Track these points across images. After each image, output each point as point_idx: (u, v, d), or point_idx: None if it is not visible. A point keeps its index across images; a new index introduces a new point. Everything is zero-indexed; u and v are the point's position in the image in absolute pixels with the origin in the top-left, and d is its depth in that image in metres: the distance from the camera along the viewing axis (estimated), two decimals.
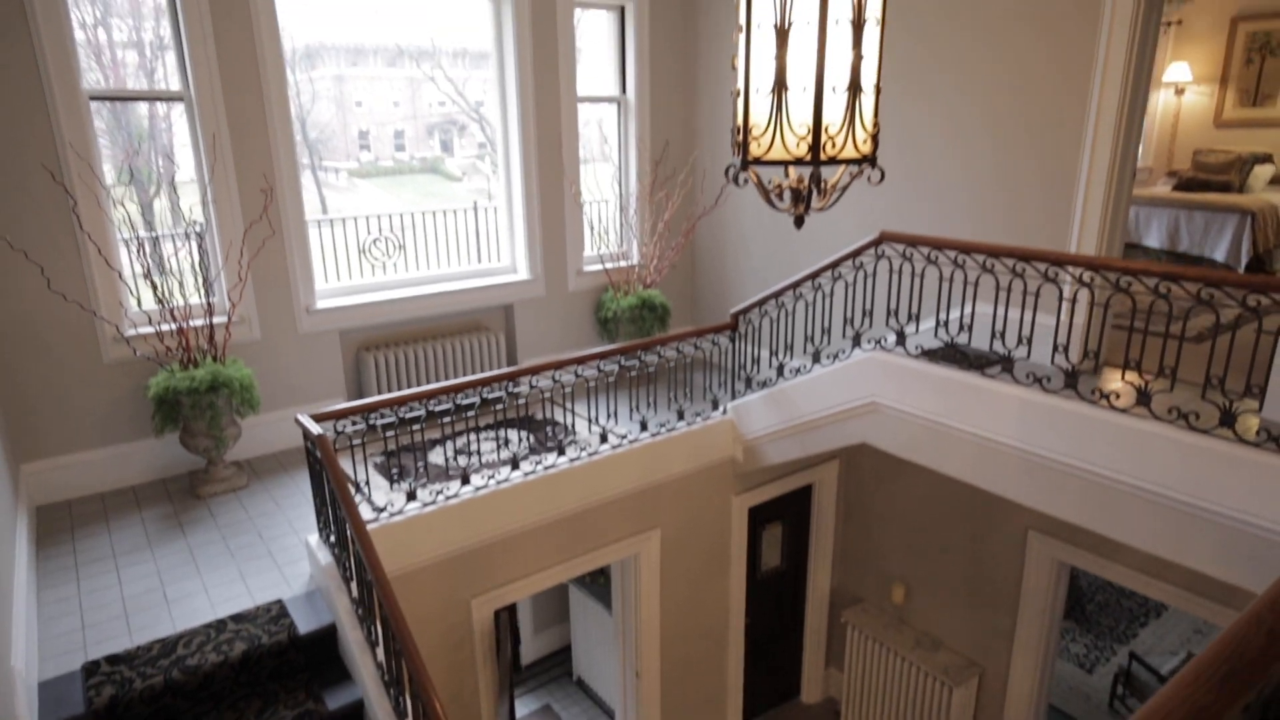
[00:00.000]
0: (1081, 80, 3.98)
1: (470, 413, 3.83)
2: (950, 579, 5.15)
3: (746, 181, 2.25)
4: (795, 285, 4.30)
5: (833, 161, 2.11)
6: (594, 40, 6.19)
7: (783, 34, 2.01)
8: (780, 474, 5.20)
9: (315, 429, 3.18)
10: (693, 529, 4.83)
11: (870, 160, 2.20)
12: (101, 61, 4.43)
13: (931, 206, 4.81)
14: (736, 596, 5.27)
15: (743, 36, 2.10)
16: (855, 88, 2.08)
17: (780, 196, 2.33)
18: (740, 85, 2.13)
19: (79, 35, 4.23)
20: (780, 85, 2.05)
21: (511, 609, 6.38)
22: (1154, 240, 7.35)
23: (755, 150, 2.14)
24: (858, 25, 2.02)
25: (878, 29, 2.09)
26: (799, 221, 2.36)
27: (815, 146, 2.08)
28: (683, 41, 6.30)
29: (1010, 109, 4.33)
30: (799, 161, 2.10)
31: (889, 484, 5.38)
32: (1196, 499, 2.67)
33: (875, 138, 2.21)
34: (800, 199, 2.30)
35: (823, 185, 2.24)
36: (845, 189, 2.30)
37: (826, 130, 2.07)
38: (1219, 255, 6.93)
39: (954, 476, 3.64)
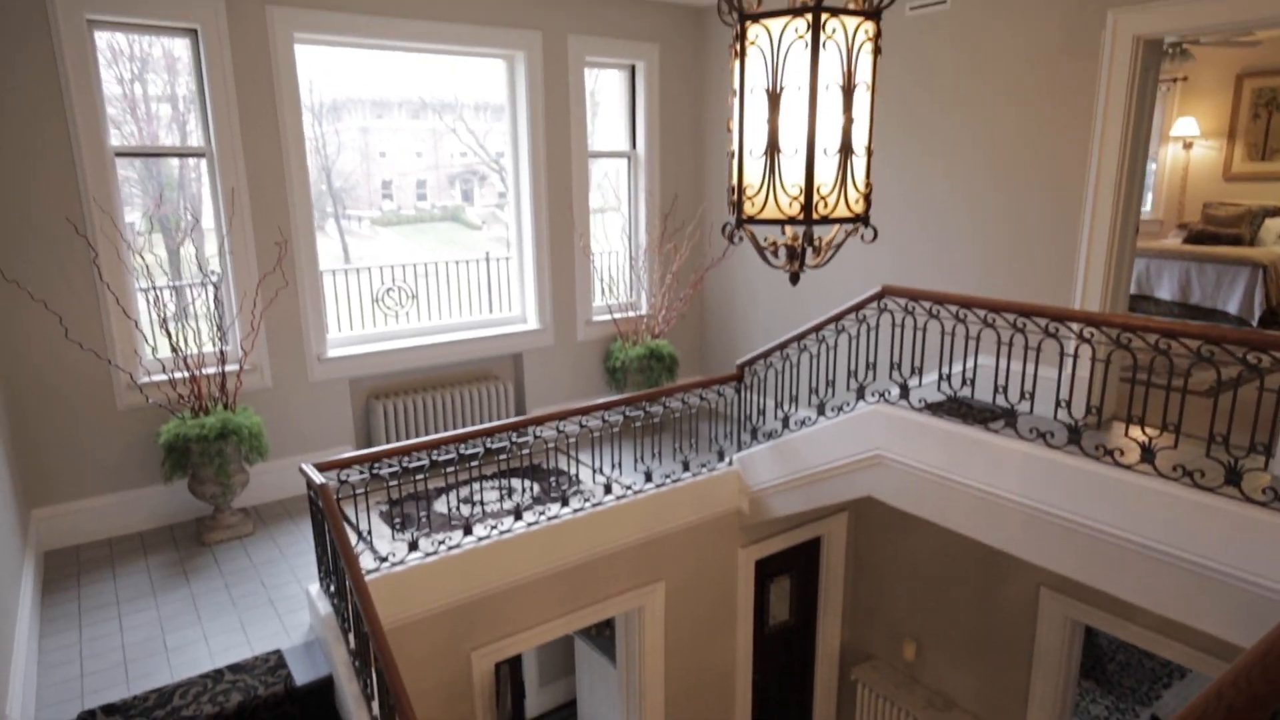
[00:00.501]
0: (1082, 139, 4.04)
1: (474, 463, 3.84)
2: (962, 636, 5.04)
3: (742, 239, 2.29)
4: (799, 337, 4.32)
5: (825, 221, 2.15)
6: (605, 96, 6.35)
7: (774, 99, 2.07)
8: (788, 526, 5.15)
9: (318, 478, 3.20)
10: (698, 582, 4.78)
11: (863, 219, 2.24)
12: (136, 114, 4.59)
13: (941, 259, 4.85)
14: (744, 651, 5.18)
15: (737, 101, 2.16)
16: (846, 150, 2.12)
17: (775, 254, 2.37)
18: (735, 147, 2.19)
19: (116, 90, 4.42)
20: (773, 148, 2.10)
21: (516, 661, 6.29)
22: (1165, 292, 7.34)
23: (750, 209, 2.19)
24: (848, 91, 2.07)
25: (868, 94, 2.14)
26: (794, 278, 2.39)
27: (808, 206, 2.12)
28: (691, 99, 6.45)
29: (1016, 167, 4.40)
30: (792, 221, 2.14)
31: (899, 537, 5.31)
32: (1201, 557, 2.62)
33: (868, 197, 2.24)
34: (794, 256, 2.34)
35: (817, 243, 2.28)
36: (839, 247, 2.33)
37: (818, 191, 2.11)
38: (1231, 308, 6.90)
39: (958, 531, 3.60)
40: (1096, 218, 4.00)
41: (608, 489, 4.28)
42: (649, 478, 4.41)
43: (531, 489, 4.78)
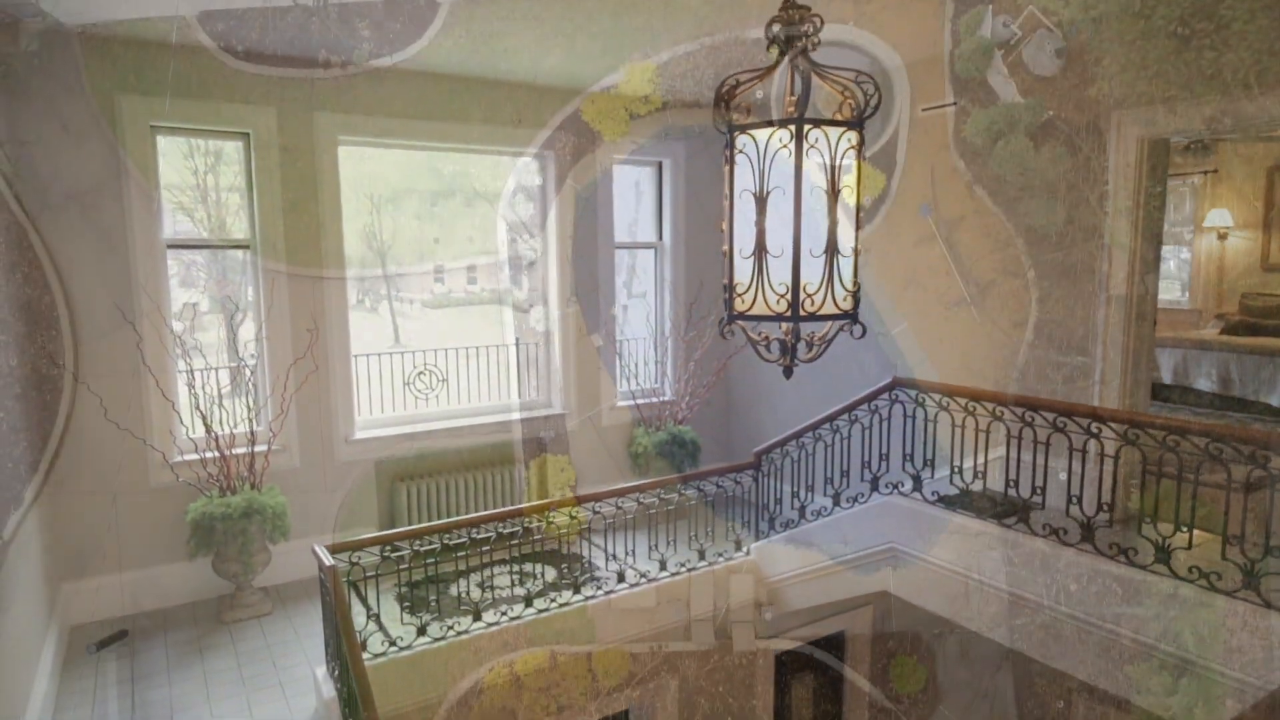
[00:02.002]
0: (1095, 232, 4.08)
1: (485, 547, 3.87)
2: None
3: (734, 334, 2.36)
4: (814, 426, 4.33)
5: (812, 318, 2.21)
6: (649, 186, 6.61)
7: (761, 203, 2.18)
8: (809, 619, 5.00)
9: (328, 560, 3.26)
10: (714, 676, 4.65)
11: (851, 316, 2.30)
12: (207, 201, 4.93)
13: (962, 347, 4.85)
14: None
15: (728, 204, 2.28)
16: (832, 250, 2.20)
17: (768, 348, 2.43)
18: (727, 247, 2.29)
19: (191, 180, 4.77)
20: (761, 248, 2.20)
21: None
22: (1205, 383, 7.16)
23: (740, 306, 2.27)
24: (832, 194, 2.16)
25: (853, 198, 2.23)
26: (787, 372, 2.44)
27: (794, 304, 2.19)
28: (716, 192, 6.66)
29: (1031, 257, 4.43)
30: (780, 317, 2.21)
31: (925, 632, 5.13)
32: (1221, 664, 2.51)
33: (855, 295, 2.30)
34: (786, 350, 2.39)
35: (809, 338, 2.34)
36: (831, 341, 2.38)
37: (805, 289, 2.19)
38: (1275, 400, 6.70)
39: (973, 630, 3.49)
40: (1111, 309, 3.99)
41: (621, 577, 4.25)
42: (663, 566, 4.38)
43: (544, 574, 4.76)
